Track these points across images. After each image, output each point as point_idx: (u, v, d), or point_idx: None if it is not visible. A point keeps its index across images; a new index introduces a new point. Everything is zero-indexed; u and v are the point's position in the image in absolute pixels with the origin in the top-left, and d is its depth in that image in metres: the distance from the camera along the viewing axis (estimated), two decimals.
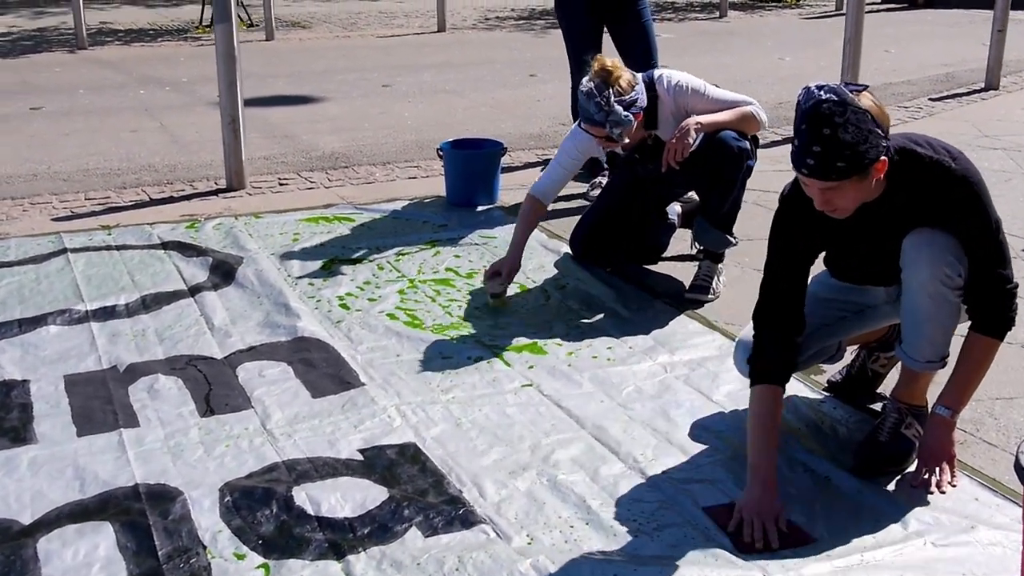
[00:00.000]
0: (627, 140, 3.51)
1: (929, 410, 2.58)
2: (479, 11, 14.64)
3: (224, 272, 3.89)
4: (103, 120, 6.82)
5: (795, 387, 2.99)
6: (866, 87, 2.33)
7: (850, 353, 2.99)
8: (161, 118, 6.91)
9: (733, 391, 2.97)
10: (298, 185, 5.24)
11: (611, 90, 3.39)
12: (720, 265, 3.85)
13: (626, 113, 3.41)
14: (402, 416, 2.82)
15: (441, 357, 3.20)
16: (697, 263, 3.88)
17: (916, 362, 2.55)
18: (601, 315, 3.55)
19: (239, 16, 12.34)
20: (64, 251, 4.10)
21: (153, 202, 4.88)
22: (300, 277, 3.87)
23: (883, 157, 2.28)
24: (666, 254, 4.14)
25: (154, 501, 2.38)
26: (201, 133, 6.34)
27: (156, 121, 6.84)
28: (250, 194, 5.04)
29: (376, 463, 2.58)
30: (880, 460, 2.56)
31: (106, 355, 3.17)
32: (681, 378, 3.06)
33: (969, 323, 2.49)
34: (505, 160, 5.12)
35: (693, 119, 3.55)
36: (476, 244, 4.27)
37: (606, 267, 3.99)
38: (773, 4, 15.49)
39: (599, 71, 3.44)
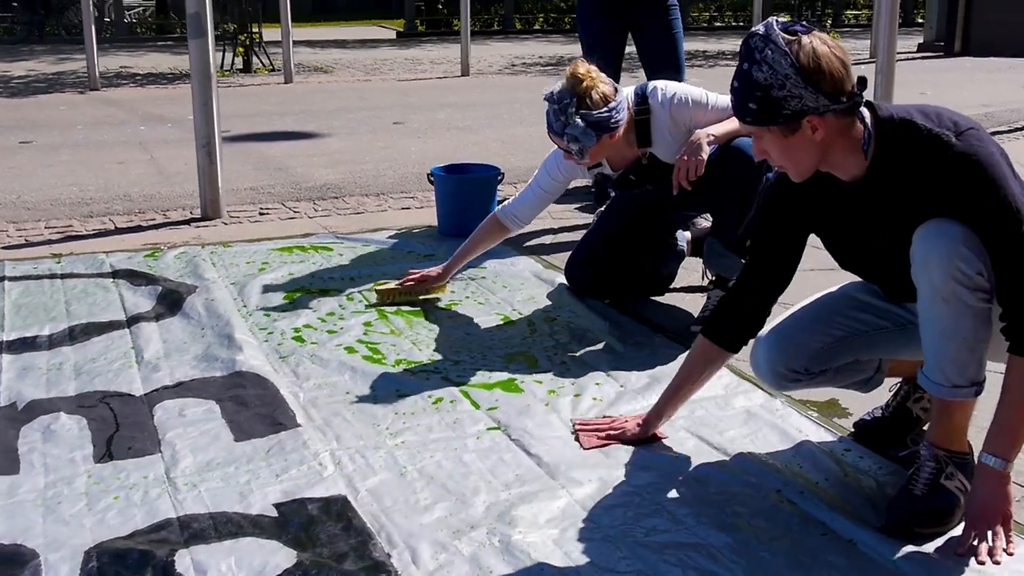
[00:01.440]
0: (589, 159, 3.11)
1: (976, 459, 2.07)
2: (506, 58, 14.36)
3: (171, 302, 3.46)
4: (92, 153, 6.50)
5: (813, 431, 2.48)
6: (820, 30, 1.98)
7: (887, 390, 2.48)
8: (153, 151, 6.58)
9: (738, 437, 2.47)
10: (280, 215, 4.82)
11: (574, 100, 2.96)
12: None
13: (587, 129, 2.97)
14: (336, 463, 2.34)
15: (398, 395, 2.73)
16: (707, 293, 3.39)
17: (940, 387, 2.04)
18: (593, 350, 3.07)
19: (261, 61, 12.27)
20: (2, 279, 3.70)
21: (118, 231, 4.49)
22: (258, 308, 3.43)
23: (815, 116, 1.93)
24: (673, 285, 3.66)
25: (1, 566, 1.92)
26: (189, 165, 5.91)
27: (147, 154, 6.51)
28: (226, 223, 4.63)
29: (292, 520, 2.10)
30: (917, 518, 2.04)
31: (7, 391, 2.73)
32: (677, 421, 2.56)
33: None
34: (508, 192, 4.67)
35: (703, 131, 3.09)
36: (460, 276, 3.81)
37: (604, 299, 3.51)
38: None
39: (569, 76, 3.02)
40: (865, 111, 2.00)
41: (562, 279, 3.67)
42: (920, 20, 16.65)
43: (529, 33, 20.56)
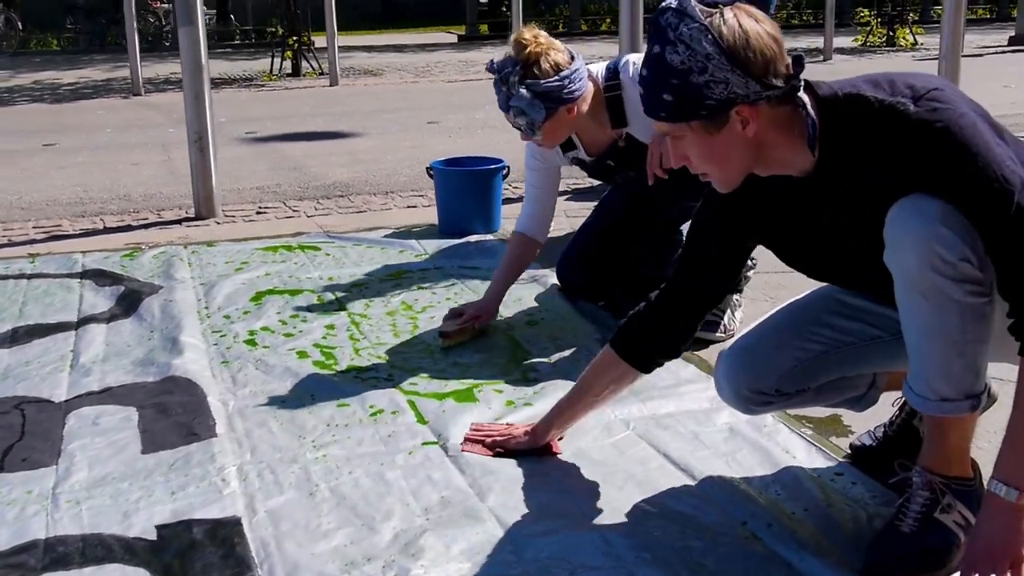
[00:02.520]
0: (544, 138, 2.74)
1: (982, 486, 1.71)
2: None
3: (130, 303, 3.23)
4: (110, 155, 6.37)
5: (803, 452, 2.13)
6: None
7: (891, 404, 2.12)
8: (172, 152, 6.41)
9: (711, 457, 2.13)
10: (277, 214, 4.59)
11: (517, 68, 2.63)
12: (738, 296, 3.01)
13: (533, 100, 2.63)
14: (242, 479, 2.06)
15: (337, 405, 2.44)
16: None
17: (925, 401, 1.68)
18: (569, 356, 2.75)
19: (311, 65, 12.17)
20: None
21: (106, 231, 4.29)
22: (220, 309, 3.18)
23: (745, 105, 1.59)
24: None
25: None
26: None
27: (165, 155, 6.35)
28: (219, 223, 4.41)
29: (170, 545, 1.82)
30: (902, 561, 1.69)
31: None
32: (647, 437, 2.23)
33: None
34: (517, 191, 4.37)
35: None
36: (450, 277, 3.52)
37: (598, 301, 3.19)
38: (887, 48, 14.43)
39: (514, 43, 2.67)
40: (804, 96, 1.65)
41: (555, 279, 3.36)
42: (1015, 14, 15.92)
43: (595, 34, 20.14)
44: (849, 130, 1.62)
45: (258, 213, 4.59)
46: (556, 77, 2.65)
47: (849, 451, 2.15)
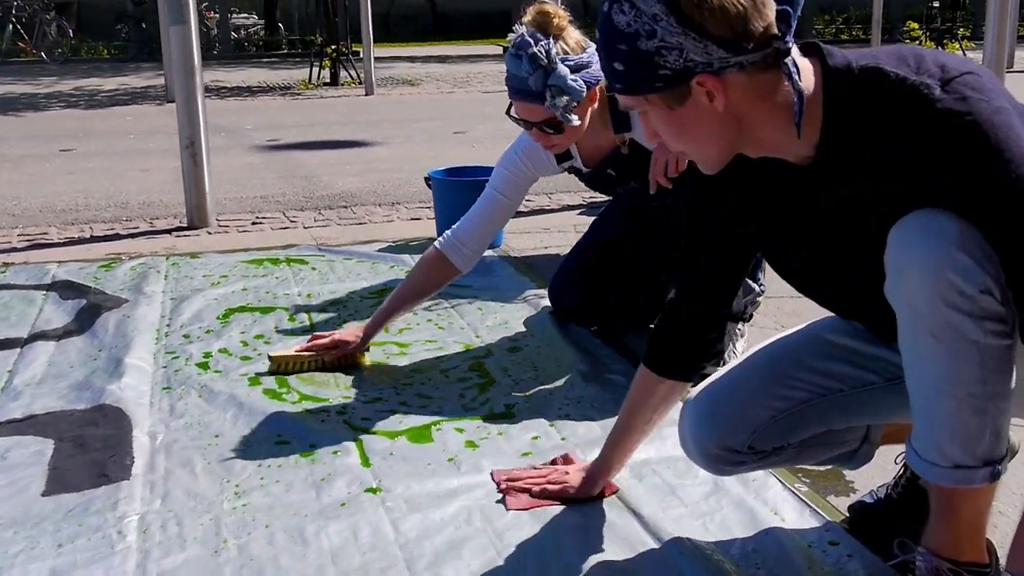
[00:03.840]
0: (577, 122, 2.39)
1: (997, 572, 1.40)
2: None
3: (87, 318, 3.01)
4: (122, 161, 6.21)
5: (794, 513, 1.82)
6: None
7: (895, 460, 1.81)
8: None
9: (686, 516, 1.83)
10: (273, 224, 4.36)
11: (551, 41, 2.33)
12: (743, 325, 2.70)
13: (573, 76, 2.33)
14: (142, 532, 1.80)
15: (275, 442, 2.18)
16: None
17: (933, 468, 1.37)
18: (548, 389, 2.46)
19: (350, 75, 12.01)
20: None
21: (92, 239, 4.09)
22: (181, 327, 2.94)
23: (707, 75, 1.29)
24: None
25: None
26: (214, 172, 5.59)
27: (179, 162, 6.16)
28: (211, 233, 4.19)
29: None
30: None
31: None
32: (616, 489, 1.93)
33: None
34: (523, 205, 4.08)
35: None
36: (436, 296, 3.23)
37: (592, 326, 2.89)
38: None
39: (536, 16, 2.36)
40: (804, 61, 1.35)
41: (547, 301, 3.07)
42: None
43: None
44: (858, 112, 1.32)
45: (253, 224, 4.37)
46: (585, 53, 2.37)
47: (848, 514, 1.83)
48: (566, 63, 2.32)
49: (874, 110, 1.30)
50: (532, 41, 2.31)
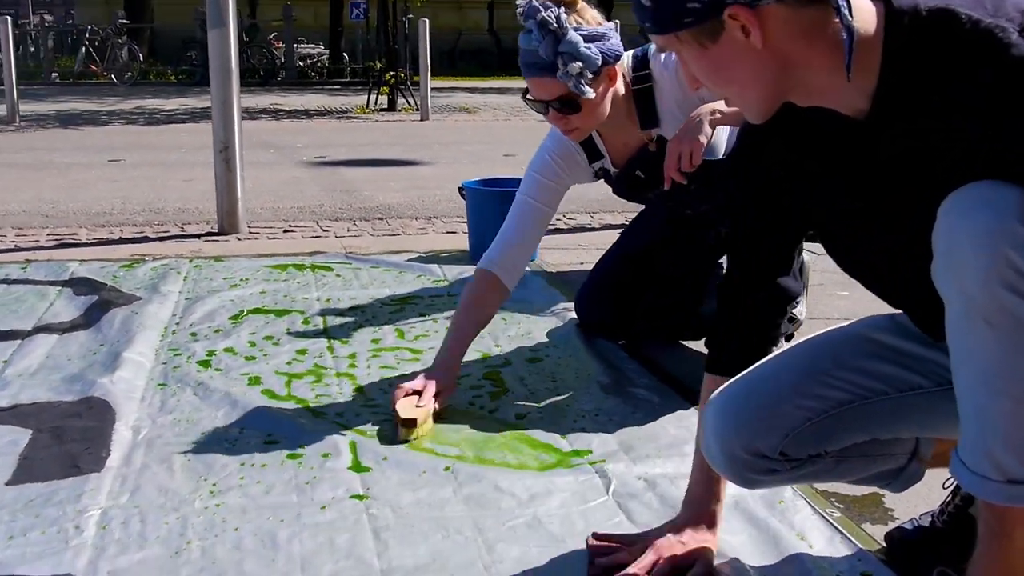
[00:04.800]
0: (591, 94, 2.18)
1: None
2: None
3: (96, 313, 2.91)
4: (168, 171, 6.18)
5: (823, 540, 1.63)
6: None
7: (942, 485, 1.59)
8: None
9: None
10: (304, 233, 4.25)
11: (563, 11, 2.16)
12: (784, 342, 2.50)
13: (587, 44, 2.16)
14: (102, 527, 1.66)
15: (264, 441, 2.03)
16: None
17: (984, 482, 1.16)
18: (561, 401, 2.28)
19: (408, 102, 12.02)
20: None
21: (121, 241, 4.02)
22: (192, 325, 2.82)
23: (740, 7, 1.14)
24: None
25: None
26: (256, 183, 5.53)
27: None
28: (239, 239, 4.09)
29: None
30: None
31: None
32: (627, 507, 1.74)
33: None
34: (557, 217, 3.93)
35: (707, 106, 2.25)
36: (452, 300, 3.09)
37: (618, 339, 2.71)
38: None
39: None
40: (866, 1, 1.17)
41: (573, 313, 2.90)
42: None
43: None
44: (921, 57, 1.14)
45: (284, 231, 4.26)
46: (602, 27, 2.21)
47: (884, 543, 1.62)
48: (579, 32, 2.16)
49: (940, 54, 1.12)
50: (541, 7, 2.14)
